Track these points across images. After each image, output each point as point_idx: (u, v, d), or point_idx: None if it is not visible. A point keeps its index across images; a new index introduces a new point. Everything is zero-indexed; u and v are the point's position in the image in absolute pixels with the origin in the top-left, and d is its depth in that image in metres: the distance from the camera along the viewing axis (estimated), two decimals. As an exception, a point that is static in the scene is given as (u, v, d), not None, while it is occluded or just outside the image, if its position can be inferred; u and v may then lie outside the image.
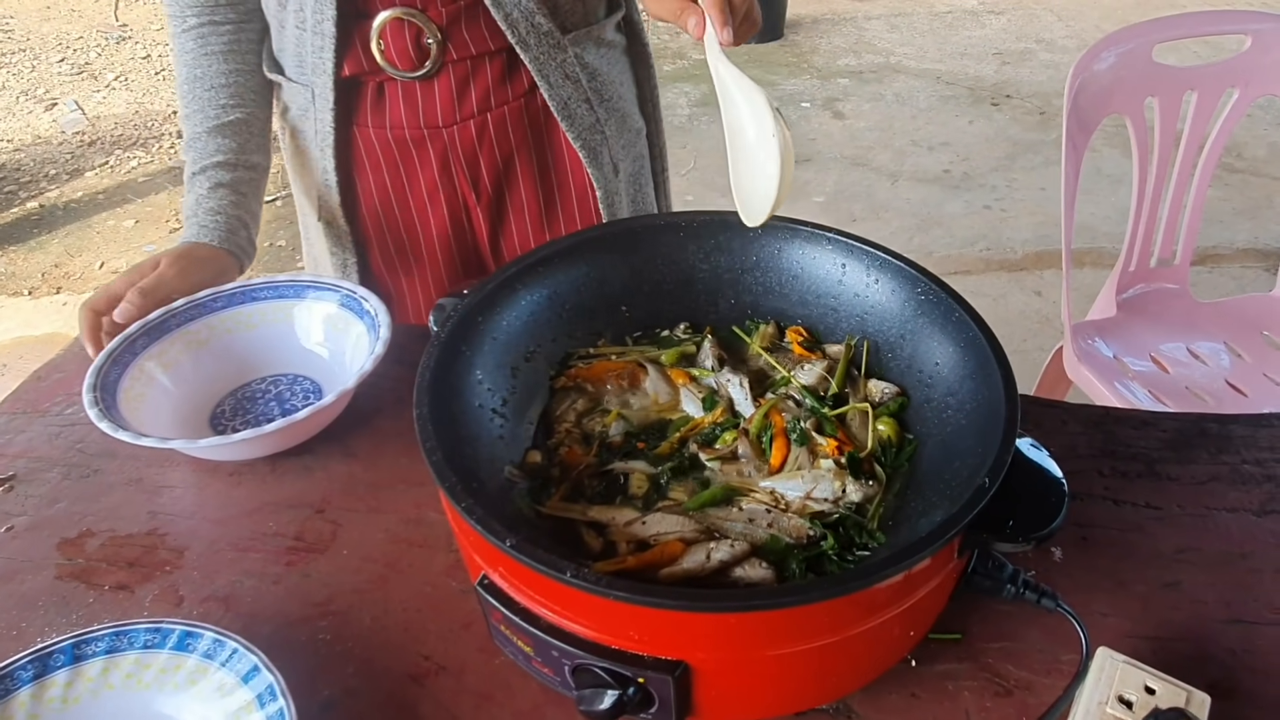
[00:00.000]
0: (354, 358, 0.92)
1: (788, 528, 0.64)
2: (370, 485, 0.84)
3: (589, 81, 1.08)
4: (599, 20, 1.10)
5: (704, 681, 0.57)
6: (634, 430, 0.74)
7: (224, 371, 0.95)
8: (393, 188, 1.10)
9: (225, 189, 1.02)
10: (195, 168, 1.03)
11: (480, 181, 1.10)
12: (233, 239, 1.01)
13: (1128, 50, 1.60)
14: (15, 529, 0.82)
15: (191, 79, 1.04)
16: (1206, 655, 0.69)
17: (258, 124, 1.07)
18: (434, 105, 1.04)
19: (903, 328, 0.77)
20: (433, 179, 1.09)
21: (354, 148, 1.08)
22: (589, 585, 0.52)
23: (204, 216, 1.00)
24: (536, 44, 1.01)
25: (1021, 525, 0.59)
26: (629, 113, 1.17)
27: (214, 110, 1.03)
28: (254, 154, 1.06)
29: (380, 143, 1.07)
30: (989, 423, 0.64)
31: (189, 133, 1.04)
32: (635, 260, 0.82)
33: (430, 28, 0.98)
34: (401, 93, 1.04)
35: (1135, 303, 1.79)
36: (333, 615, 0.73)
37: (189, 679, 0.65)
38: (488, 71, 1.04)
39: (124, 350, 0.89)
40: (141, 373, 0.89)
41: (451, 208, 1.12)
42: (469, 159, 1.08)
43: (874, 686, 0.66)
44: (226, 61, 1.04)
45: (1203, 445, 0.86)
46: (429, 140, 1.06)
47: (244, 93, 1.05)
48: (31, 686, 0.65)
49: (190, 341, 0.94)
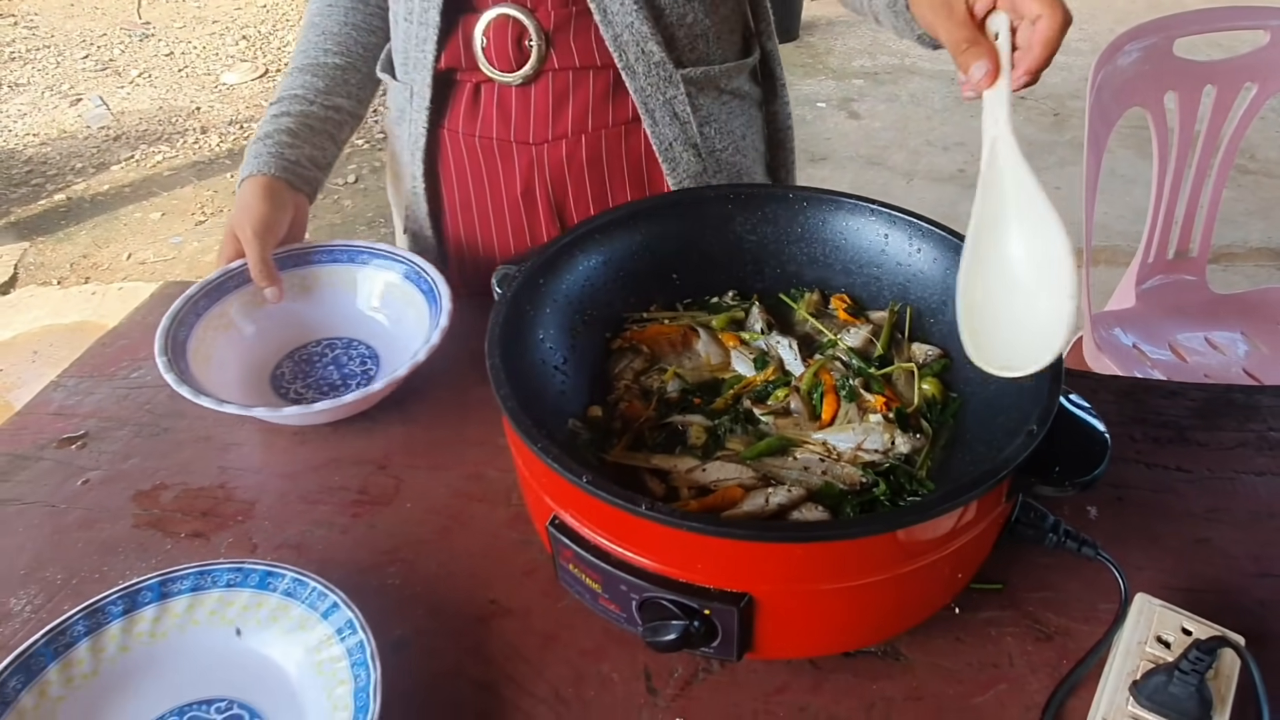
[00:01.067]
0: (415, 328, 0.95)
1: (841, 475, 0.68)
2: (429, 444, 0.88)
3: (699, 127, 1.00)
4: (725, 63, 1.02)
5: (765, 615, 0.61)
6: (690, 388, 0.77)
7: (286, 332, 0.99)
8: (476, 199, 1.06)
9: (290, 118, 1.01)
10: (276, 96, 1.04)
11: (566, 209, 1.04)
12: (291, 170, 0.99)
13: (1149, 44, 1.63)
14: (91, 482, 0.85)
15: (309, 25, 1.06)
16: (1238, 605, 0.72)
17: (355, 74, 1.06)
18: (527, 116, 0.99)
19: (945, 294, 0.80)
20: (515, 197, 1.03)
21: (442, 153, 1.06)
22: (665, 518, 0.56)
23: (264, 145, 0.99)
24: (645, 73, 0.95)
25: (1067, 471, 0.62)
26: (747, 170, 1.07)
27: (313, 52, 1.04)
28: (339, 97, 1.05)
29: (468, 149, 1.03)
30: (1034, 377, 0.67)
31: (287, 70, 1.06)
32: (686, 230, 0.86)
33: (536, 29, 0.94)
34: (497, 97, 0.99)
35: (1154, 293, 1.82)
36: (400, 562, 0.77)
37: (271, 615, 0.69)
38: (590, 88, 0.98)
39: (188, 311, 0.93)
40: (206, 333, 0.93)
41: (533, 229, 1.06)
42: (555, 180, 1.01)
43: (920, 631, 0.70)
44: (347, 16, 1.05)
45: (1230, 414, 0.90)
46: (516, 154, 1.01)
47: (349, 44, 1.05)
48: (122, 620, 0.68)
49: (249, 302, 0.97)
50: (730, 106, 1.04)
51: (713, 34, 1.00)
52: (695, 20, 0.97)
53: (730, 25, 1.03)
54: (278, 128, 1.01)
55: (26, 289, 3.01)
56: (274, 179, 0.98)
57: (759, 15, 1.09)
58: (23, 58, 4.66)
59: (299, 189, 1.01)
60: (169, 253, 3.17)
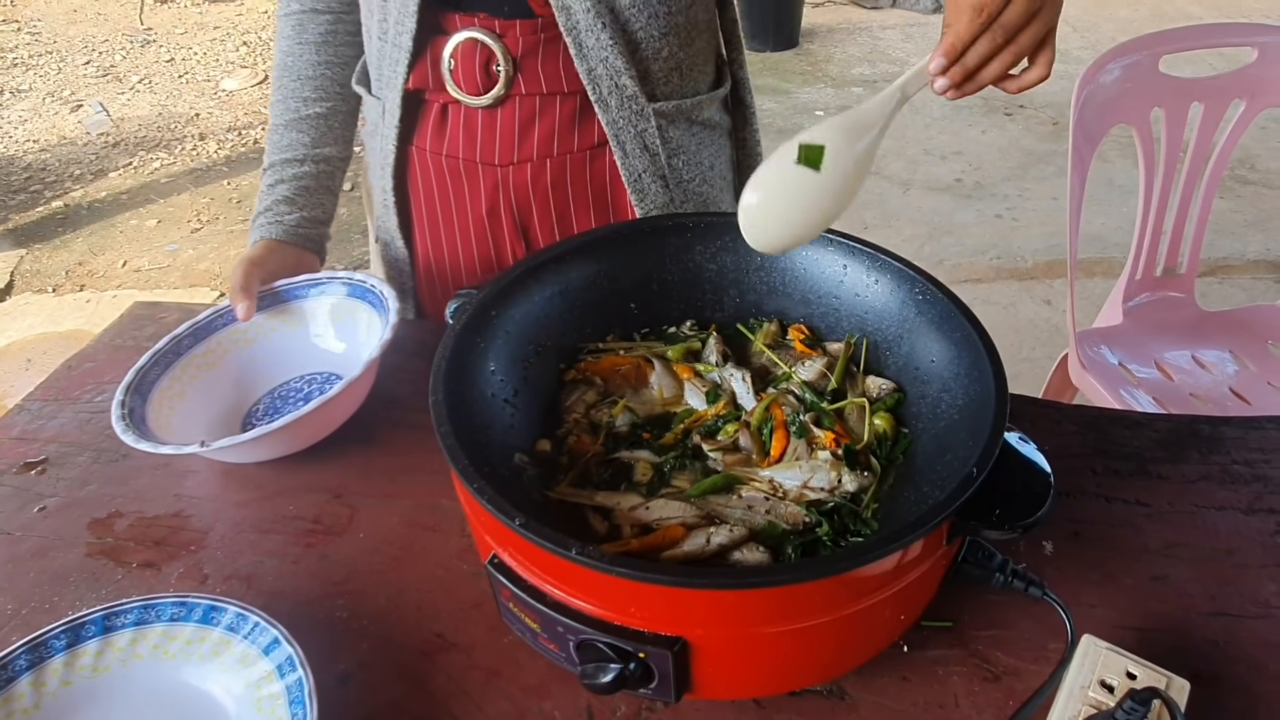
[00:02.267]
0: (368, 342, 0.94)
1: (785, 514, 0.67)
2: (386, 472, 0.88)
3: (668, 159, 1.00)
4: (697, 95, 1.02)
5: (702, 658, 0.60)
6: (640, 421, 0.77)
7: (246, 384, 0.97)
8: (442, 215, 1.07)
9: (286, 185, 1.03)
10: (268, 162, 1.05)
11: (531, 230, 1.04)
12: (297, 234, 1.02)
13: (1134, 62, 1.62)
14: (48, 509, 0.85)
15: (283, 67, 1.06)
16: (1190, 646, 0.71)
17: (338, 117, 1.07)
18: (493, 138, 0.99)
19: (901, 327, 0.80)
20: (480, 216, 1.04)
21: (410, 169, 1.06)
22: (593, 562, 0.55)
23: (267, 217, 1.02)
24: (618, 106, 0.95)
25: (1008, 514, 0.61)
26: (715, 200, 1.07)
27: (295, 104, 1.05)
28: (328, 146, 1.06)
29: (435, 167, 1.03)
30: (980, 418, 0.66)
31: (271, 124, 1.06)
32: (644, 259, 0.86)
33: (504, 54, 0.94)
34: (464, 119, 0.99)
35: (1141, 311, 1.81)
36: (350, 594, 0.76)
37: (213, 650, 0.69)
38: (557, 113, 0.97)
39: (139, 381, 0.90)
40: (163, 399, 0.90)
41: (499, 250, 1.06)
42: (520, 203, 1.02)
43: (866, 669, 0.69)
44: (319, 53, 1.05)
45: (1194, 445, 0.89)
46: (482, 175, 1.01)
47: (329, 85, 1.06)
48: (64, 655, 0.68)
49: (204, 363, 0.95)
50: (700, 137, 1.04)
51: (686, 66, 0.99)
52: (670, 54, 0.97)
53: (704, 56, 1.03)
54: (275, 199, 1.03)
55: (22, 296, 3.03)
56: (276, 242, 1.01)
57: (732, 45, 1.08)
58: (25, 64, 4.69)
59: (303, 247, 1.03)
60: (164, 260, 3.18)
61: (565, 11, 0.90)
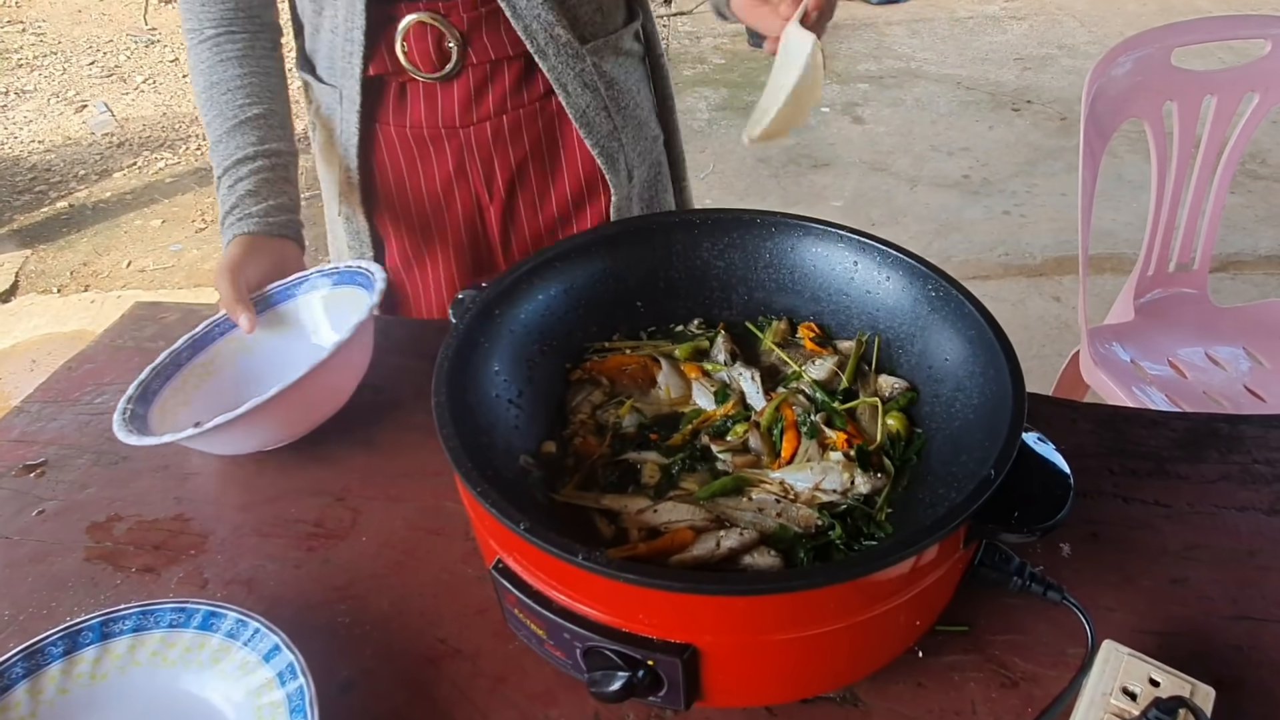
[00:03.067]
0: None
1: (796, 517, 0.66)
2: (389, 475, 0.86)
3: (606, 90, 1.10)
4: (617, 30, 1.12)
5: (712, 665, 0.59)
6: (647, 422, 0.75)
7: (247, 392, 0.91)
8: (410, 184, 1.14)
9: (246, 180, 1.03)
10: (220, 170, 1.04)
11: (494, 181, 1.14)
12: (268, 223, 1.01)
13: (1146, 55, 1.60)
14: (46, 513, 0.84)
15: (209, 85, 1.06)
16: (1212, 651, 0.70)
17: (277, 117, 1.09)
18: (452, 106, 1.08)
19: (913, 324, 0.78)
20: (448, 175, 1.13)
21: (375, 144, 1.12)
22: (599, 568, 0.54)
23: (234, 215, 1.01)
24: (555, 54, 1.04)
25: (1027, 517, 0.60)
26: (645, 120, 1.18)
27: (231, 111, 1.05)
28: (275, 142, 1.07)
29: (400, 140, 1.11)
30: (996, 417, 0.64)
31: (212, 137, 1.06)
32: (650, 256, 0.84)
33: (452, 32, 1.02)
34: (423, 93, 1.07)
35: (1153, 308, 1.79)
36: (352, 599, 0.75)
37: (213, 657, 0.68)
38: (506, 75, 1.07)
39: (140, 394, 0.89)
40: (165, 408, 0.89)
41: (465, 205, 1.15)
42: (484, 158, 1.12)
43: (880, 675, 0.67)
44: (241, 65, 1.06)
45: (1213, 445, 0.87)
46: (446, 138, 1.10)
47: (260, 91, 1.07)
48: (61, 662, 0.67)
49: (203, 373, 0.94)
50: (625, 66, 1.14)
51: (606, 6, 1.10)
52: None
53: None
54: (239, 195, 1.01)
55: (27, 297, 3.03)
56: (249, 236, 0.99)
57: None
58: (30, 64, 4.69)
59: (277, 235, 1.02)
60: (169, 260, 3.17)
61: None
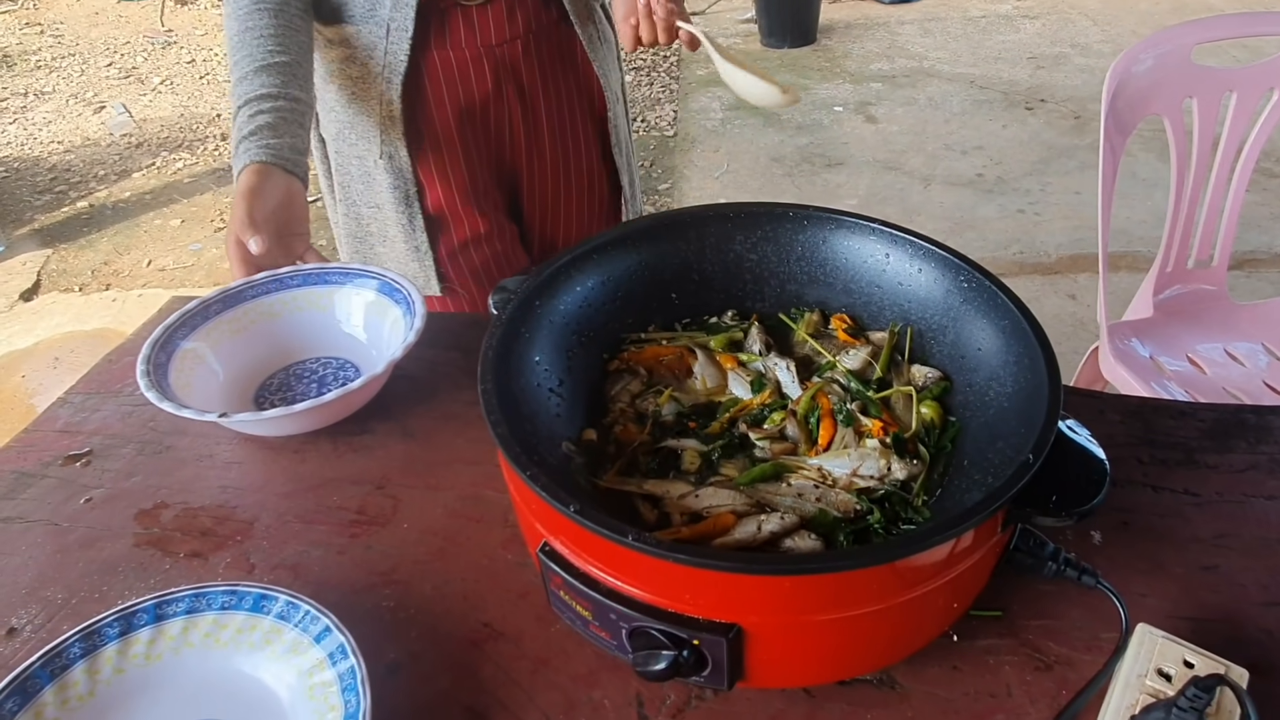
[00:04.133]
0: (390, 341, 0.96)
1: (835, 502, 0.67)
2: (428, 464, 0.88)
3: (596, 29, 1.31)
4: None
5: (756, 645, 0.60)
6: (685, 411, 0.77)
7: (265, 356, 1.00)
8: (450, 105, 1.24)
9: (266, 114, 1.05)
10: (241, 101, 1.07)
11: (525, 92, 1.28)
12: (282, 156, 1.04)
13: (1166, 52, 1.61)
14: (94, 500, 0.86)
15: (242, 30, 1.09)
16: (1244, 636, 0.71)
17: (302, 69, 1.12)
18: (488, 26, 1.21)
19: (945, 315, 0.79)
20: (486, 90, 1.25)
21: (422, 72, 1.21)
22: (649, 548, 0.55)
23: (251, 141, 1.03)
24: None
25: (1064, 501, 0.61)
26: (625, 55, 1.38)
27: (261, 54, 1.08)
28: (296, 89, 1.10)
29: (444, 63, 1.21)
30: (1031, 405, 0.66)
31: (236, 74, 1.09)
32: (685, 249, 0.85)
33: None
34: (462, 19, 1.20)
35: (1172, 304, 1.80)
36: (395, 584, 0.77)
37: (264, 639, 0.69)
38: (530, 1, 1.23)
39: (166, 339, 0.93)
40: (185, 359, 0.93)
41: (498, 118, 1.28)
42: (515, 71, 1.26)
43: (916, 659, 0.69)
44: (275, 18, 1.10)
45: (1241, 435, 0.88)
46: (484, 57, 1.23)
47: (289, 43, 1.11)
48: (118, 643, 0.69)
49: (230, 329, 0.98)
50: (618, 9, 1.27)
51: None
52: None
53: None
54: (258, 125, 1.04)
55: (49, 295, 3.06)
56: (264, 164, 1.02)
57: None
58: (48, 66, 4.73)
59: (290, 171, 1.04)
60: (188, 259, 3.20)
61: None
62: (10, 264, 3.21)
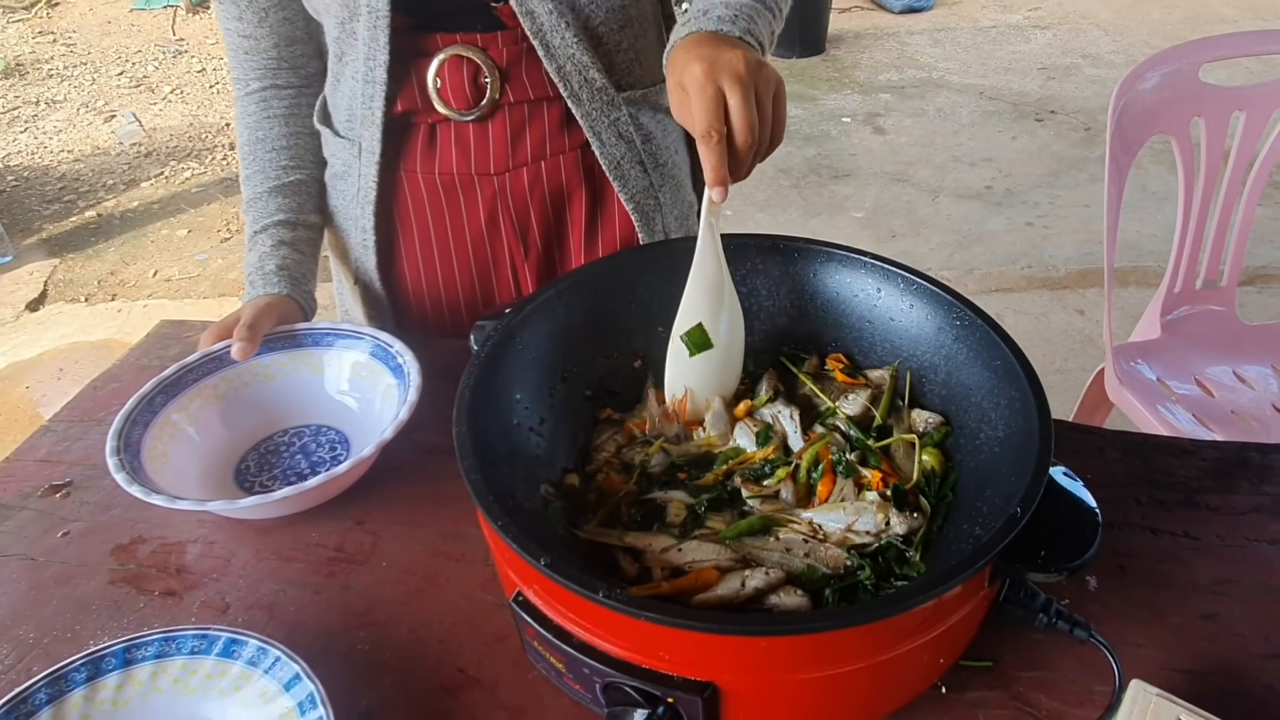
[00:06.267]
0: (383, 409, 0.91)
1: (824, 557, 0.65)
2: (409, 499, 0.86)
3: (643, 144, 1.05)
4: (656, 83, 1.06)
5: (732, 703, 0.58)
6: (677, 462, 0.75)
7: (250, 423, 0.95)
8: (436, 238, 1.07)
9: (287, 246, 1.03)
10: (257, 226, 1.04)
11: (529, 234, 1.07)
12: (297, 289, 1.02)
13: (1173, 70, 1.58)
14: (71, 534, 0.85)
15: (253, 141, 1.06)
16: (1242, 690, 0.68)
17: (314, 185, 1.09)
18: (486, 149, 1.02)
19: (937, 353, 0.77)
20: (479, 228, 1.06)
21: (398, 198, 1.06)
22: (620, 606, 0.54)
23: (270, 273, 1.00)
24: (589, 99, 0.99)
25: (1054, 555, 0.59)
26: (683, 183, 1.13)
27: (275, 171, 1.05)
28: (311, 214, 1.07)
29: (428, 188, 1.05)
30: (1023, 451, 0.64)
31: (250, 193, 1.06)
32: (672, 281, 0.83)
33: (489, 66, 0.97)
34: (454, 135, 1.02)
35: (1180, 324, 1.77)
36: (371, 626, 0.75)
37: (233, 685, 0.68)
38: (545, 118, 1.02)
39: (142, 409, 0.88)
40: (163, 431, 0.88)
41: (496, 260, 1.09)
42: (519, 208, 1.05)
43: (903, 712, 0.67)
44: (287, 125, 1.06)
45: (1244, 475, 0.85)
46: (479, 186, 1.04)
47: (303, 155, 1.07)
48: (85, 688, 0.67)
49: (210, 396, 0.93)
50: (664, 123, 1.08)
51: (644, 56, 1.05)
52: (629, 45, 1.02)
53: (657, 47, 1.07)
54: (281, 256, 1.01)
55: (55, 306, 3.07)
56: (285, 298, 0.99)
57: None
58: (60, 75, 4.75)
59: (304, 305, 1.02)
60: (194, 270, 3.21)
61: (530, 16, 0.93)
62: (18, 273, 3.22)
